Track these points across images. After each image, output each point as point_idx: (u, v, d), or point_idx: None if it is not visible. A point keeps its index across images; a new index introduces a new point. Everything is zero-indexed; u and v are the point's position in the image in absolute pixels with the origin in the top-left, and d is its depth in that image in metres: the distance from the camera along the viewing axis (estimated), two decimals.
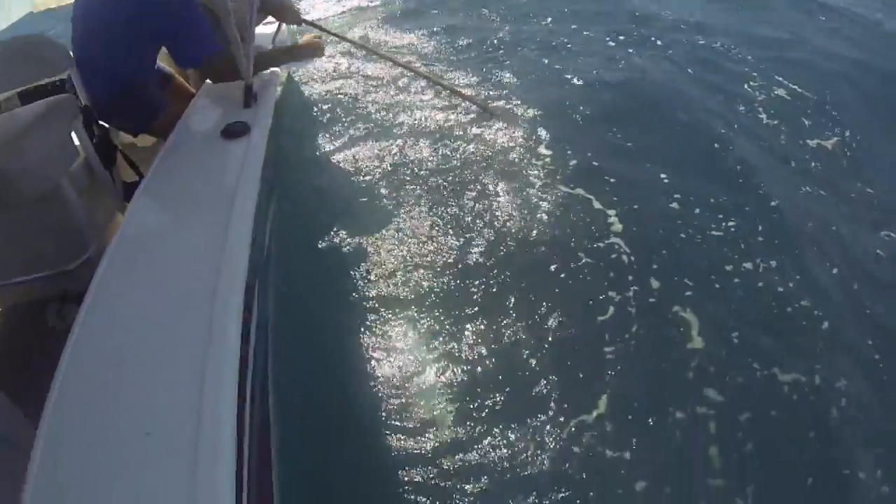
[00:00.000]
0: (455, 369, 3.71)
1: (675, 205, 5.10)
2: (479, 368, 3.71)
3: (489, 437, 3.33)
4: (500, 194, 5.09)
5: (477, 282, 4.29)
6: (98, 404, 1.46)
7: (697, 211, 5.04)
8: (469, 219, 4.82)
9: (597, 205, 5.10)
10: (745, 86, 6.77)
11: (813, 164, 5.68)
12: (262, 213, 2.53)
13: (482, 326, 3.97)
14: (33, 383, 1.51)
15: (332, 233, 4.60)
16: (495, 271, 4.36)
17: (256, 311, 2.14)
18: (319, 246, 4.49)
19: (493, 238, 4.64)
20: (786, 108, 6.44)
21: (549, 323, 4.02)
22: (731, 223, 4.96)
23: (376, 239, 4.58)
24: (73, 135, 2.79)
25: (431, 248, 4.56)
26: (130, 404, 1.46)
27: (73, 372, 1.50)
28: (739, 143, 5.91)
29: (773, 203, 5.19)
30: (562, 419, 3.43)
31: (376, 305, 4.07)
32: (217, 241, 1.87)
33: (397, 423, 3.41)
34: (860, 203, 5.28)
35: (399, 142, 5.49)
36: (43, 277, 2.67)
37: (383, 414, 3.46)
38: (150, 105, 3.19)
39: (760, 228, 4.95)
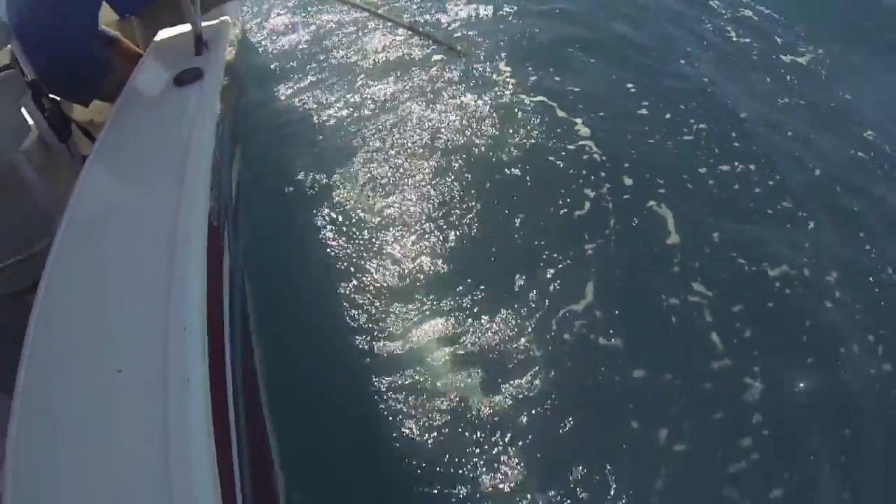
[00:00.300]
0: (438, 272, 3.62)
1: (643, 111, 5.08)
2: (461, 269, 3.63)
3: (478, 330, 3.26)
4: (465, 112, 4.99)
5: (451, 191, 4.19)
6: (69, 347, 1.58)
7: (668, 116, 5.03)
8: (438, 138, 4.72)
9: (560, 113, 5.03)
10: (711, 4, 6.86)
11: (788, 77, 5.79)
12: (226, 161, 2.62)
13: (462, 231, 3.88)
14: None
15: (301, 173, 4.50)
16: (468, 180, 4.27)
17: (228, 255, 2.26)
18: (289, 188, 4.39)
19: (461, 151, 4.54)
20: (755, 27, 6.56)
21: (527, 220, 3.94)
22: (701, 127, 4.97)
23: (346, 171, 4.48)
24: (24, 111, 2.85)
25: (403, 169, 4.45)
26: (100, 347, 1.56)
27: (43, 325, 1.62)
28: (708, 59, 5.97)
29: (743, 114, 5.23)
30: (549, 308, 3.34)
31: (352, 230, 3.95)
32: (175, 186, 1.95)
33: (382, 331, 3.31)
34: (836, 112, 5.41)
35: (361, 82, 5.45)
36: (13, 264, 2.68)
37: (367, 328, 3.34)
38: (98, 68, 3.16)
39: (734, 135, 4.98)
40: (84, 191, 2.07)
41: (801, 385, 3.19)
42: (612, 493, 2.66)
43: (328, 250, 3.84)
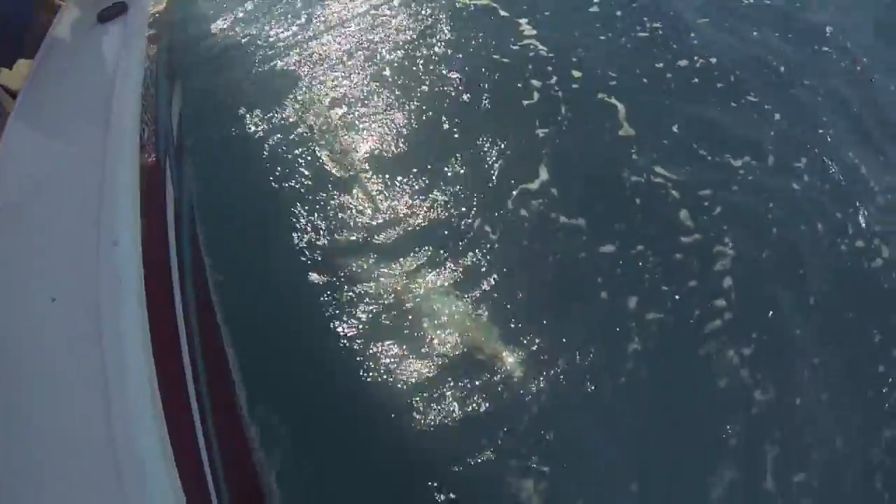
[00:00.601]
0: (386, 163, 3.61)
1: (594, 9, 5.10)
2: (408, 158, 3.64)
3: (427, 212, 3.26)
4: (407, 21, 4.94)
5: (398, 95, 4.16)
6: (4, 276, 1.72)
7: (619, 14, 5.07)
8: (382, 48, 4.66)
9: (504, 13, 5.00)
10: None
11: None
12: (162, 96, 2.82)
13: (407, 128, 3.87)
14: None
15: (245, 100, 4.37)
16: (414, 81, 4.24)
17: (173, 189, 2.42)
18: (233, 116, 4.25)
19: (406, 56, 4.50)
20: None
21: (471, 110, 3.90)
22: (657, 26, 5.01)
23: (291, 91, 4.39)
24: None
25: (349, 81, 4.39)
26: (35, 281, 1.71)
27: None
28: None
29: (703, 17, 5.30)
30: (501, 188, 3.33)
31: (300, 142, 3.89)
32: (102, 124, 2.09)
33: (335, 226, 3.29)
34: (797, 10, 5.54)
35: (300, 6, 5.28)
36: None
37: (321, 225, 3.30)
38: (15, 24, 3.15)
39: (693, 34, 5.03)
40: (7, 149, 2.16)
41: (769, 255, 3.32)
42: (581, 359, 2.67)
43: (276, 165, 3.76)
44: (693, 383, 2.78)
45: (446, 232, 3.06)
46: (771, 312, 3.04)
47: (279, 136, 3.94)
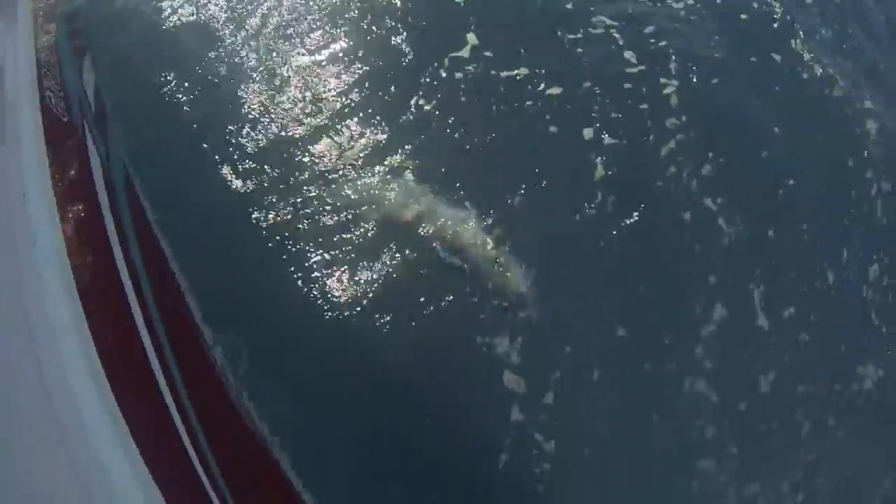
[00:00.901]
0: (316, 66, 3.43)
1: None
2: (331, 42, 3.49)
3: (362, 96, 3.12)
4: None
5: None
6: None
7: None
8: None
9: None
10: None
11: None
12: (66, 63, 2.91)
13: (326, 31, 3.63)
14: None
15: (163, 56, 3.95)
16: None
17: (97, 151, 2.61)
18: (155, 69, 3.90)
19: None
20: None
21: None
22: None
23: (208, 36, 4.06)
24: None
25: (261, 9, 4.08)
26: None
27: None
28: None
29: None
30: (431, 58, 3.24)
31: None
32: None
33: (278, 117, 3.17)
34: None
35: None
36: None
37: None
38: None
39: None
40: None
41: (720, 81, 3.39)
42: (538, 196, 2.68)
43: (205, 104, 3.60)
44: (658, 213, 2.80)
45: (373, 113, 2.99)
46: (727, 133, 3.13)
47: (202, 76, 3.79)
